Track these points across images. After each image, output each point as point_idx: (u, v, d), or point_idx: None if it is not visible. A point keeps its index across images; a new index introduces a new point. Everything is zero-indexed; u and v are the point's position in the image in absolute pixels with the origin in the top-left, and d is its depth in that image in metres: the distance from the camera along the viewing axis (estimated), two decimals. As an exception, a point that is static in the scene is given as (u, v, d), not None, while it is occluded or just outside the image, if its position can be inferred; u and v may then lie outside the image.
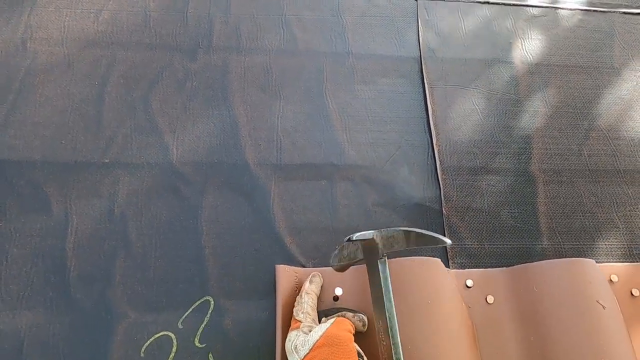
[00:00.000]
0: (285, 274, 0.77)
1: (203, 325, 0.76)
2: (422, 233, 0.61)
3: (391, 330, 0.63)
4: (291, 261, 0.82)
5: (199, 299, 0.78)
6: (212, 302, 0.78)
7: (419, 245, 0.62)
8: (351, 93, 0.99)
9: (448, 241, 0.59)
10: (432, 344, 0.69)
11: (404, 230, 0.63)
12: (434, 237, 0.60)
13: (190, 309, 0.77)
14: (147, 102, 0.92)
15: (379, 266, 0.65)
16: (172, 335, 0.74)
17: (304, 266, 0.82)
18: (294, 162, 0.90)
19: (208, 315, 0.76)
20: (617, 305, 0.77)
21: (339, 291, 0.77)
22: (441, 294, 0.73)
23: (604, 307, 0.74)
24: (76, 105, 0.90)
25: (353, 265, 0.73)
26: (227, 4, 1.05)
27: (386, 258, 0.65)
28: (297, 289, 0.77)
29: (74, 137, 0.87)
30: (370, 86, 1.00)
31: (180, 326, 0.75)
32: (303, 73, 0.99)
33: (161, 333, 0.75)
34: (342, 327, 0.65)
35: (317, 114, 0.95)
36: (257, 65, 0.99)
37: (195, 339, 0.75)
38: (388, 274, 0.65)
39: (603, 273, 0.83)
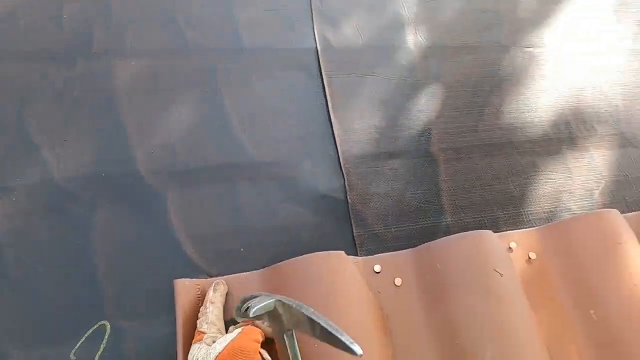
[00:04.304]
0: (185, 288, 0.73)
1: (99, 353, 0.70)
2: (328, 330, 0.50)
3: None
4: (194, 271, 0.78)
5: (93, 325, 0.72)
6: (109, 326, 0.72)
7: (325, 342, 0.51)
8: (248, 90, 0.96)
9: (358, 352, 0.47)
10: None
11: (308, 317, 0.52)
12: (342, 341, 0.49)
13: (84, 337, 0.71)
14: (21, 118, 0.84)
15: (286, 341, 0.55)
16: (65, 369, 0.68)
17: (209, 275, 0.78)
18: (190, 167, 0.86)
19: (104, 341, 0.71)
20: (515, 272, 0.81)
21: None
22: (342, 286, 0.73)
23: (501, 275, 0.77)
24: None
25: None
26: (108, 5, 0.98)
27: (294, 332, 0.56)
28: (200, 302, 0.73)
29: None
30: (267, 81, 0.97)
31: (72, 357, 0.69)
32: (195, 73, 0.95)
33: (52, 368, 0.68)
34: (249, 337, 0.62)
35: (213, 114, 0.92)
36: (145, 68, 0.93)
37: (92, 368, 0.69)
38: (297, 351, 0.55)
39: (501, 241, 0.86)
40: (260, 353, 0.62)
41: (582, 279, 0.82)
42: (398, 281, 0.80)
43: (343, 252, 0.77)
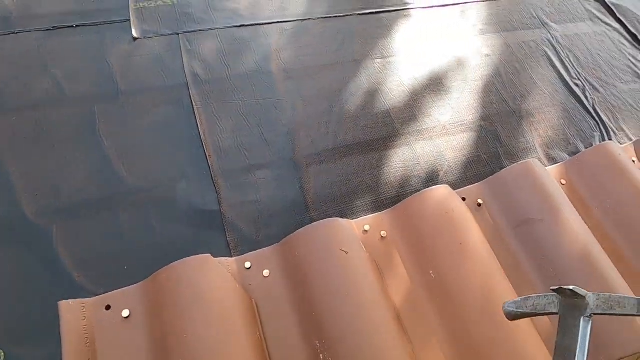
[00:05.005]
0: (69, 308, 0.82)
1: (-6, 379, 0.78)
2: None
3: None
4: (82, 292, 0.88)
5: (-13, 355, 0.80)
6: (3, 354, 0.80)
7: None
8: (125, 128, 1.08)
9: None
10: (203, 332, 0.80)
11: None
12: None
13: (-21, 367, 0.79)
14: None
15: (581, 323, 0.69)
16: (-39, 398, 0.76)
17: (96, 294, 0.88)
18: (73, 203, 0.96)
19: (-1, 367, 0.79)
20: (362, 248, 0.96)
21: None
22: (209, 283, 0.85)
23: (346, 253, 0.92)
24: None
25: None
26: (-14, 68, 1.08)
27: (591, 318, 0.70)
28: (85, 320, 0.83)
29: None
30: (143, 118, 1.10)
31: (-32, 387, 0.77)
32: (74, 119, 1.06)
33: (-51, 400, 0.76)
34: None
35: (93, 154, 1.03)
36: (26, 121, 1.04)
37: (-12, 393, 0.77)
38: (588, 333, 0.69)
39: (357, 226, 1.02)
40: None
41: (421, 246, 0.99)
42: (266, 273, 0.93)
43: (209, 254, 0.89)
